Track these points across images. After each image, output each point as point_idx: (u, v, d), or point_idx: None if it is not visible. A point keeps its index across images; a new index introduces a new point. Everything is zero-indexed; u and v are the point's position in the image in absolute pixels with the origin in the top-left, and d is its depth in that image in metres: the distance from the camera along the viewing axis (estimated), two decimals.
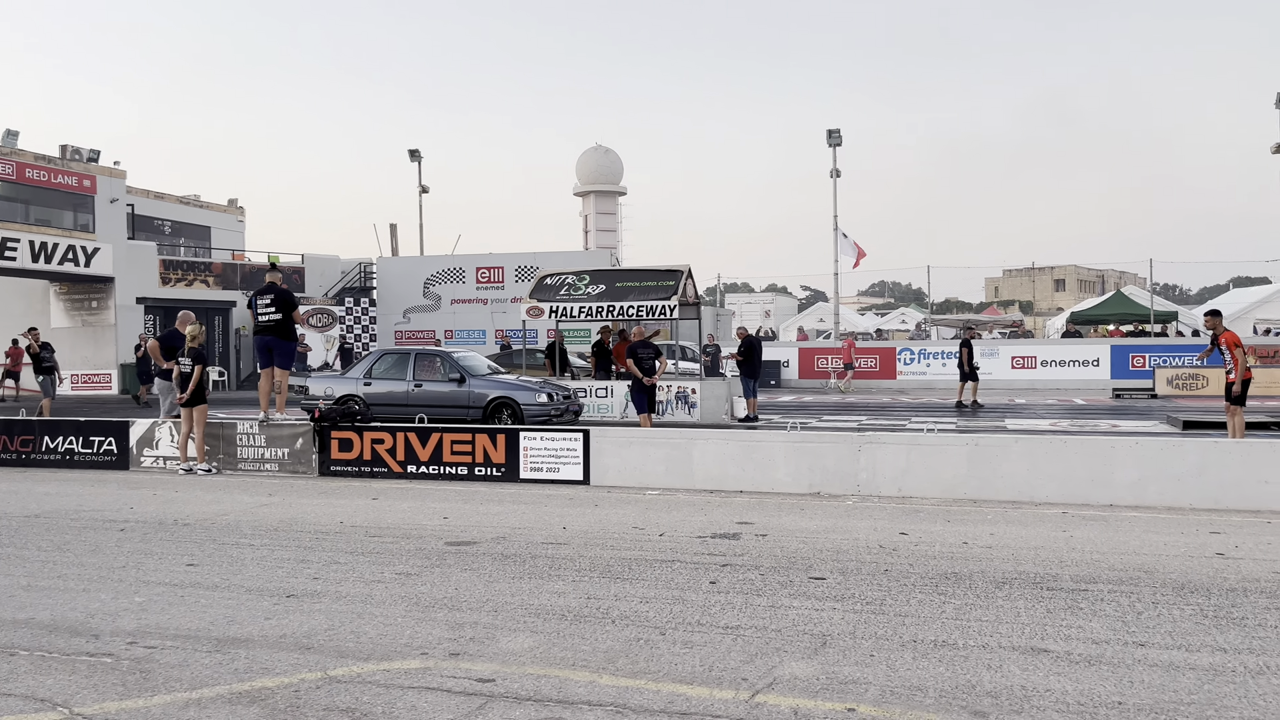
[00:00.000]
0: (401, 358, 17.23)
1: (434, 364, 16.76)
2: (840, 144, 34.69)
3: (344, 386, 16.91)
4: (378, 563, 7.10)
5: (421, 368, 16.66)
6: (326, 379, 18.15)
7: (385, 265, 38.53)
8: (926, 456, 9.94)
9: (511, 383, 16.61)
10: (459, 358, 17.03)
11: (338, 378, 17.84)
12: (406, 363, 16.87)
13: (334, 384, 17.22)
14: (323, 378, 18.69)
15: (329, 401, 16.66)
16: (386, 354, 17.90)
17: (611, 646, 5.03)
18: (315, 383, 17.65)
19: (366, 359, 17.82)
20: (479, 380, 16.41)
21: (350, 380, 17.08)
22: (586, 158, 64.81)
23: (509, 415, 15.78)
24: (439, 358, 16.98)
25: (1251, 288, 47.45)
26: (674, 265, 19.40)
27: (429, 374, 16.54)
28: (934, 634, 5.18)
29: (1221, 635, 5.10)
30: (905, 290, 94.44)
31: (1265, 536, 7.68)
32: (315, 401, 16.94)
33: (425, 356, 17.15)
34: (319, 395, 16.89)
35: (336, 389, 16.90)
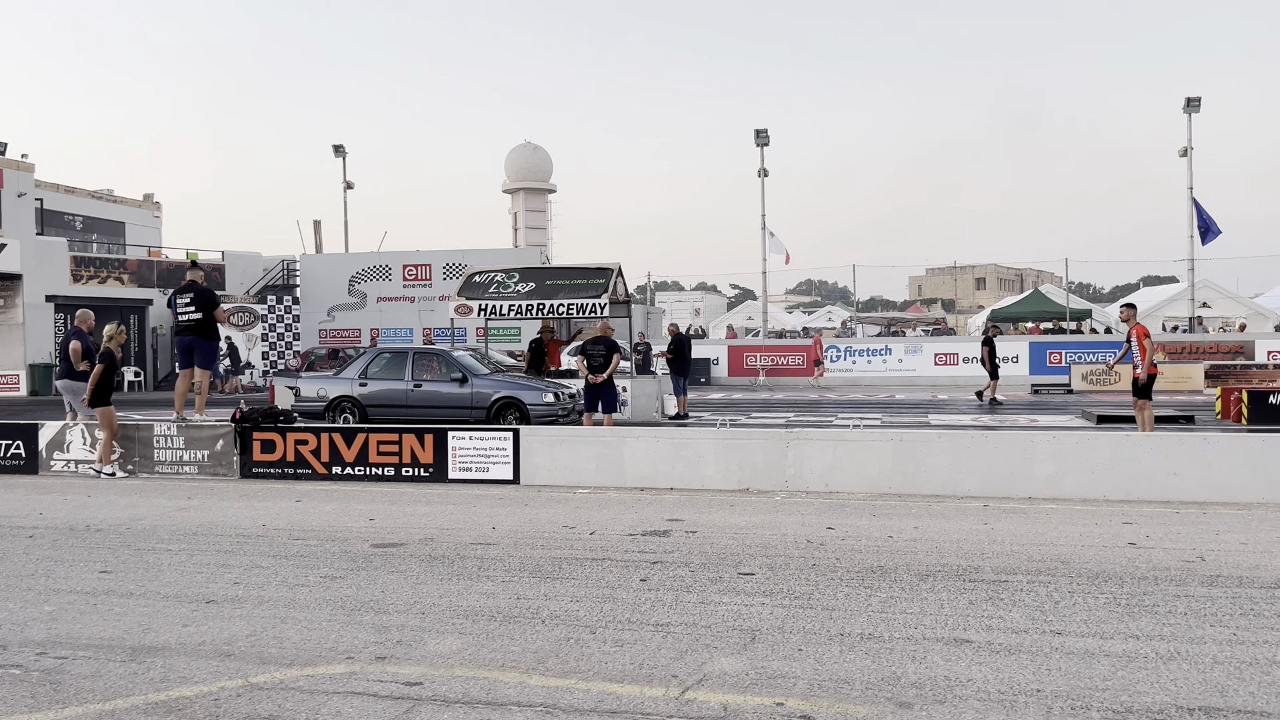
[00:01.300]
0: (398, 357, 16.61)
1: (434, 363, 16.23)
2: (768, 144, 35.04)
3: (337, 388, 16.32)
4: (302, 566, 6.95)
5: (421, 367, 16.12)
6: (319, 380, 17.27)
7: (309, 263, 37.75)
8: (853, 452, 10.09)
9: (517, 382, 16.27)
10: (459, 356, 16.57)
11: (330, 379, 17.03)
12: (404, 362, 16.27)
13: (327, 385, 16.58)
14: (315, 379, 17.63)
15: (322, 403, 16.24)
16: (383, 353, 17.26)
17: (541, 646, 5.00)
18: (307, 384, 16.95)
19: (361, 358, 17.14)
20: (482, 380, 15.94)
21: (344, 381, 16.45)
22: (515, 154, 64.26)
23: (515, 416, 15.43)
24: (439, 357, 16.46)
25: (1161, 286, 49.22)
26: (604, 263, 19.38)
27: (429, 373, 16.03)
28: (861, 627, 5.26)
29: (1134, 623, 5.27)
30: (832, 289, 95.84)
31: (1174, 526, 7.97)
32: (308, 403, 16.46)
33: (425, 355, 16.60)
34: (311, 397, 16.42)
35: (330, 390, 16.33)
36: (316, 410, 16.25)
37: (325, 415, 16.04)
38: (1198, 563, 6.65)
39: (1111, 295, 69.98)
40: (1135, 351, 13.20)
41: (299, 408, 16.56)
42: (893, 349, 31.23)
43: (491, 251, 36.20)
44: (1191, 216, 32.68)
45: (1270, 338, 30.64)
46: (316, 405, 16.29)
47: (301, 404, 16.52)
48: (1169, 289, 43.13)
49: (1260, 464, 9.17)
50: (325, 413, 16.11)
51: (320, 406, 16.22)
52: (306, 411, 16.34)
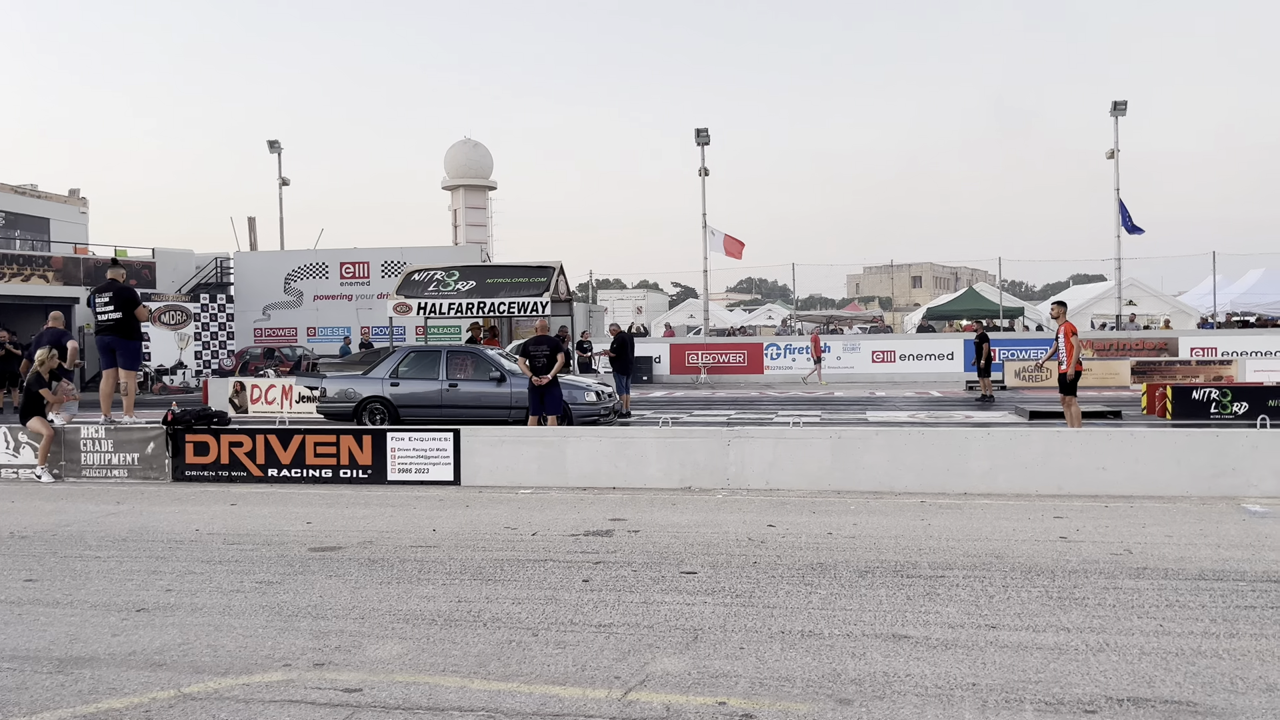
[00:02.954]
0: (432, 356, 16.06)
1: (469, 362, 15.78)
2: (708, 143, 35.20)
3: (367, 388, 15.81)
4: (236, 572, 6.80)
5: (455, 366, 15.65)
6: (346, 380, 16.55)
7: (244, 260, 37.01)
8: (793, 450, 10.19)
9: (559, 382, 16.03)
10: (495, 355, 16.15)
11: (359, 378, 16.35)
12: (437, 361, 15.75)
13: (355, 385, 16.02)
14: (341, 378, 16.79)
15: (349, 404, 15.76)
16: (414, 351, 16.66)
17: (483, 650, 4.96)
18: (333, 384, 16.30)
19: (391, 357, 16.53)
20: (521, 379, 15.29)
21: (374, 381, 15.90)
22: (455, 151, 63.73)
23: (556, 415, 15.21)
24: (474, 355, 16.02)
25: (1090, 285, 50.55)
26: (546, 262, 19.34)
27: (464, 373, 15.60)
28: (801, 624, 5.31)
29: (1065, 615, 5.40)
30: (772, 287, 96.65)
31: (1103, 520, 8.19)
32: (334, 404, 15.99)
33: (459, 354, 16.07)
34: (337, 398, 15.94)
35: (358, 390, 15.83)
36: (344, 412, 15.80)
37: (354, 418, 15.60)
38: (1125, 555, 6.84)
39: (1043, 293, 71.63)
40: (1062, 349, 13.54)
41: (324, 409, 16.15)
42: (831, 347, 31.58)
43: (431, 249, 35.83)
44: (1118, 217, 33.62)
45: (1193, 335, 31.66)
46: (344, 407, 15.84)
47: (327, 405, 16.04)
48: (1097, 287, 44.34)
49: (1184, 458, 9.46)
50: (354, 415, 15.66)
51: (348, 408, 15.77)
52: (332, 413, 15.94)
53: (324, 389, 16.15)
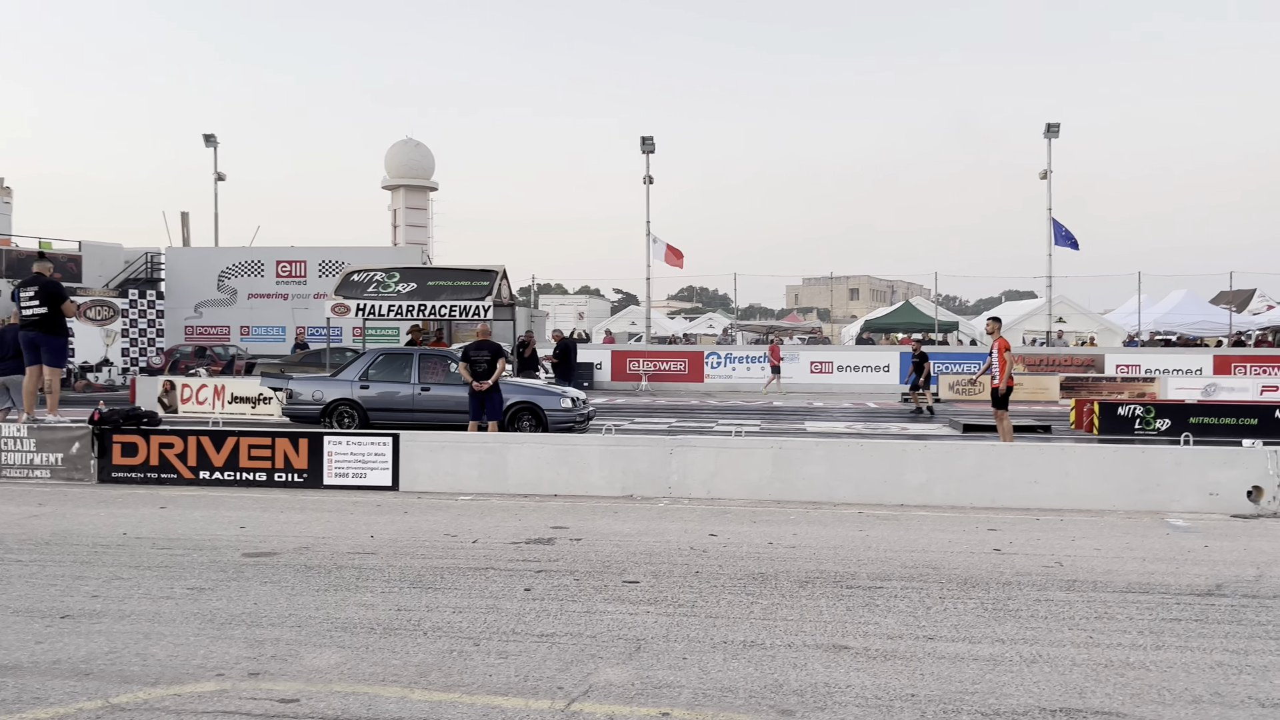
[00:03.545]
0: (403, 359, 15.79)
1: (442, 366, 15.50)
2: (653, 151, 35.32)
3: (335, 390, 15.44)
4: (166, 577, 6.62)
5: (427, 370, 15.41)
6: (314, 382, 16.13)
7: (175, 256, 36.12)
8: (734, 459, 10.25)
9: (533, 387, 15.73)
10: None
11: (327, 380, 15.99)
12: (409, 364, 15.48)
13: (323, 387, 15.65)
14: (309, 380, 16.34)
15: (318, 406, 15.36)
16: (385, 354, 16.34)
17: (424, 659, 4.90)
18: (301, 385, 15.87)
19: (361, 359, 16.17)
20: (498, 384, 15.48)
21: (342, 383, 15.57)
22: (396, 150, 63.01)
23: (531, 422, 14.89)
24: (446, 359, 15.75)
25: (1021, 301, 51.77)
26: (489, 265, 19.18)
27: (436, 376, 15.34)
28: (743, 634, 5.34)
29: (1000, 627, 5.51)
30: (713, 296, 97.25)
31: (1035, 533, 8.38)
32: (301, 406, 15.58)
33: (431, 358, 15.80)
34: (305, 400, 15.51)
35: (327, 393, 15.46)
36: (311, 414, 15.45)
37: (322, 419, 15.26)
38: (1056, 568, 7.01)
39: (976, 308, 73.19)
40: (995, 364, 13.84)
41: (290, 411, 15.76)
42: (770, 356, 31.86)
43: (370, 249, 35.39)
44: (1050, 235, 34.50)
45: (1119, 352, 32.62)
46: (311, 409, 15.50)
47: (294, 407, 15.65)
48: (1029, 304, 45.41)
49: (1111, 473, 9.73)
50: (322, 417, 15.33)
51: (315, 410, 15.44)
52: (299, 415, 15.56)
53: (291, 390, 15.82)
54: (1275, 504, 9.38)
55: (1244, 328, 39.74)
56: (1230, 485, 9.49)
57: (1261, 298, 43.97)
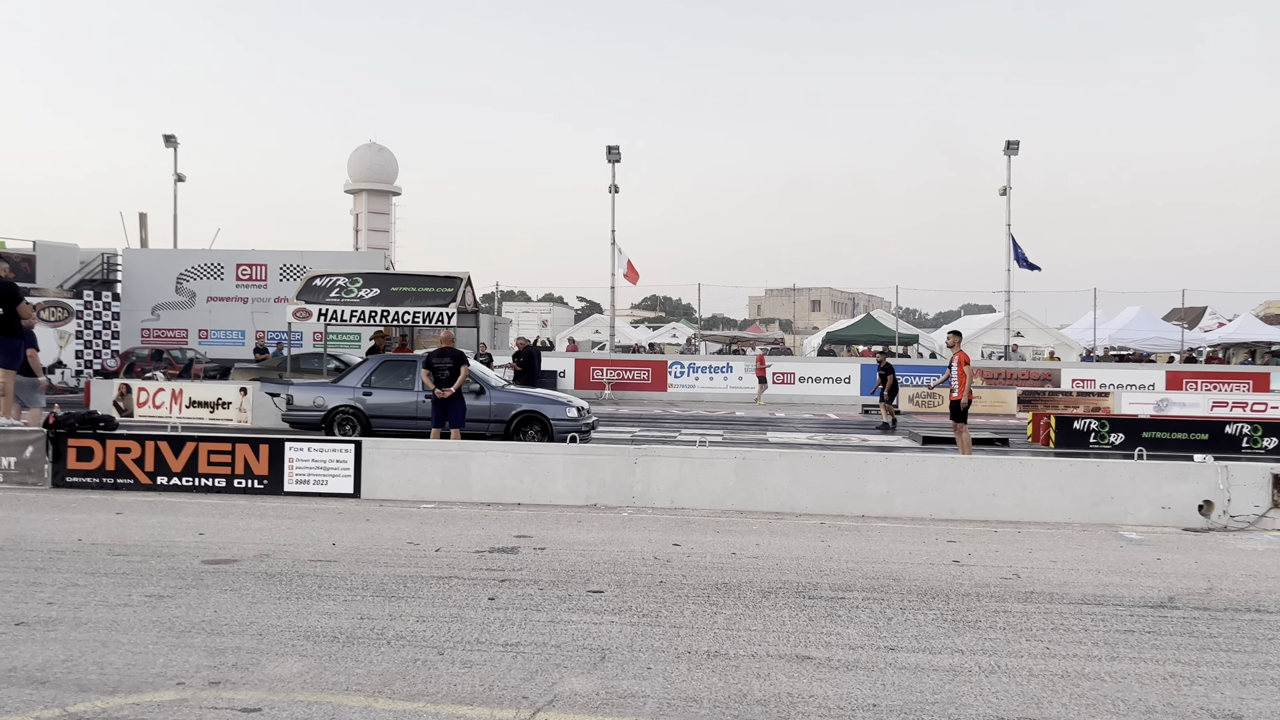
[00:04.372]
0: (406, 365, 15.48)
1: None
2: (619, 160, 35.41)
3: (337, 396, 15.16)
4: (124, 584, 6.53)
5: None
6: (315, 388, 15.86)
7: (133, 257, 35.59)
8: (698, 469, 10.29)
9: (538, 396, 15.57)
10: (473, 367, 15.53)
11: (328, 387, 15.71)
12: (413, 371, 15.16)
13: (325, 394, 15.37)
14: (309, 386, 16.09)
15: (318, 413, 15.10)
16: (388, 361, 16.02)
17: (387, 669, 4.88)
18: (301, 392, 15.55)
19: (363, 366, 15.90)
20: (500, 392, 15.19)
21: (344, 390, 15.30)
22: (359, 155, 62.63)
23: (536, 431, 14.72)
24: None
25: (980, 315, 52.52)
26: (453, 271, 19.14)
27: None
28: (707, 644, 5.37)
29: (959, 638, 5.60)
30: (676, 305, 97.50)
31: (993, 545, 8.51)
32: (301, 413, 15.27)
33: None
34: (305, 406, 15.23)
35: (328, 399, 15.19)
36: (311, 421, 15.18)
37: (322, 427, 15.00)
38: (1014, 580, 7.13)
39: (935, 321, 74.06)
40: (954, 377, 14.04)
41: (290, 417, 15.49)
42: (733, 366, 32.05)
43: (332, 254, 35.12)
44: (1009, 251, 35.05)
45: (1075, 367, 33.19)
46: (311, 415, 15.23)
47: (294, 413, 15.38)
48: (987, 318, 46.09)
49: (1067, 486, 9.90)
50: (322, 424, 15.06)
51: (316, 417, 15.18)
52: (299, 422, 15.30)
53: (290, 396, 15.57)
54: (1225, 518, 9.60)
55: (1195, 344, 40.61)
56: (1182, 499, 9.70)
57: (1212, 315, 44.96)
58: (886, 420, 21.92)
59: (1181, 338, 39.20)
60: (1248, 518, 9.57)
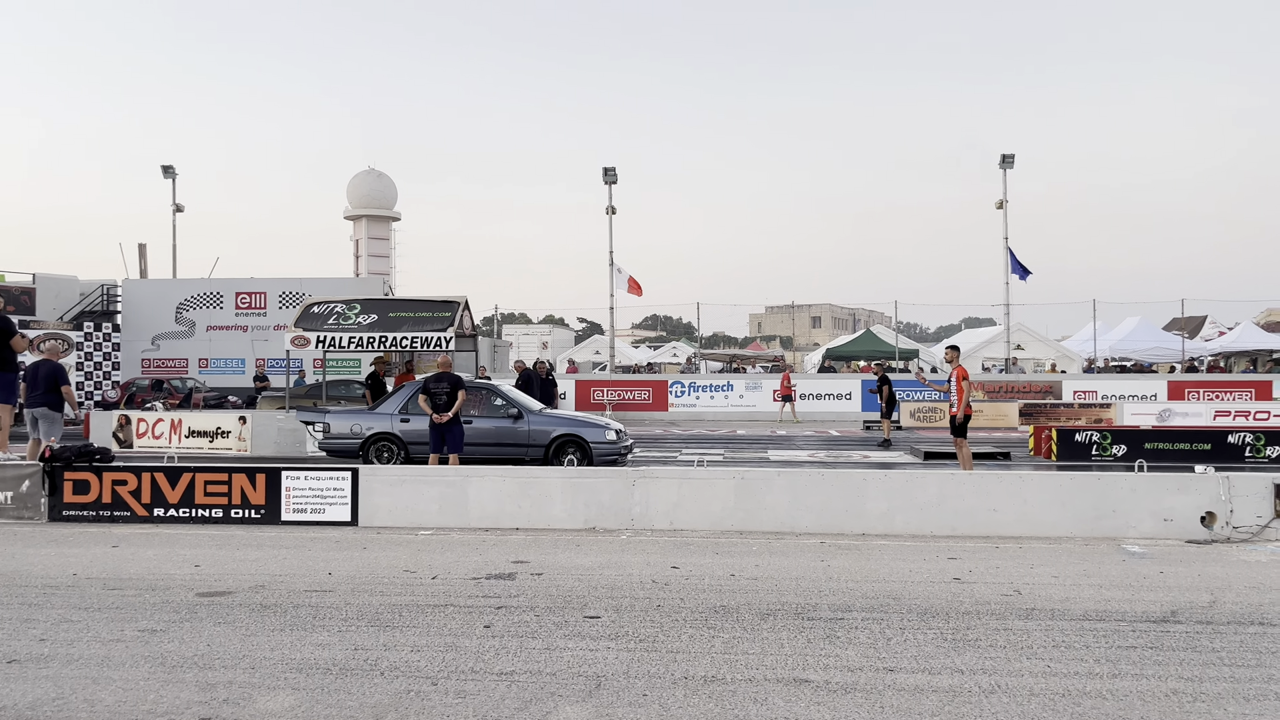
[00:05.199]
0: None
1: (484, 398, 15.21)
2: (616, 182, 35.50)
3: (375, 424, 15.07)
4: (117, 619, 6.48)
5: (468, 402, 14.85)
6: (352, 415, 15.74)
7: (132, 288, 35.66)
8: (697, 490, 10.24)
9: (576, 419, 15.53)
10: (509, 391, 15.70)
11: (365, 414, 15.61)
12: None
13: (362, 421, 15.28)
14: (347, 414, 15.95)
15: (356, 440, 15.03)
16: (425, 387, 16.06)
17: (380, 700, 4.83)
18: (339, 420, 15.45)
19: (401, 392, 15.81)
20: (538, 416, 15.10)
21: (382, 416, 15.21)
22: (358, 181, 62.79)
23: (575, 454, 14.63)
24: (488, 391, 15.45)
25: (980, 329, 52.48)
26: (450, 296, 19.12)
27: (478, 409, 14.99)
28: (704, 669, 5.32)
29: (959, 657, 5.54)
30: (677, 324, 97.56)
31: (994, 561, 8.45)
32: (339, 440, 15.24)
33: (473, 390, 15.29)
34: (343, 434, 15.16)
35: (366, 426, 15.11)
36: (350, 449, 15.08)
37: (360, 454, 14.94)
38: (1015, 596, 7.07)
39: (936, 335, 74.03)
40: (953, 392, 13.99)
41: (327, 445, 15.41)
42: (734, 385, 31.99)
43: (331, 280, 35.16)
44: (1007, 264, 35.07)
45: (1076, 378, 33.10)
46: (350, 443, 15.13)
47: (331, 441, 15.29)
48: (988, 331, 46.04)
49: (1069, 501, 9.84)
50: (360, 452, 14.99)
51: (354, 444, 15.08)
52: (336, 450, 15.21)
53: (328, 424, 15.47)
54: (1228, 529, 9.54)
55: (1196, 354, 40.54)
56: (1184, 511, 9.64)
57: (1212, 324, 44.93)
58: (887, 436, 21.84)
59: (1182, 347, 39.15)
60: (1251, 529, 9.51)
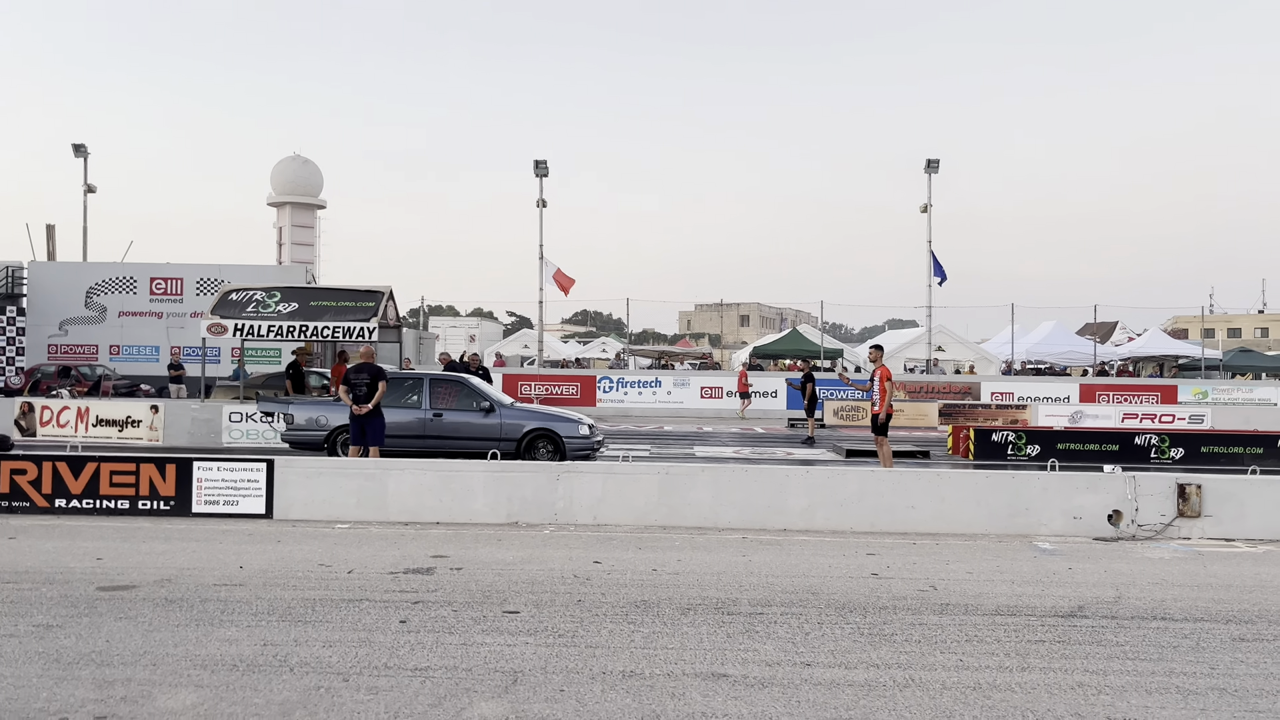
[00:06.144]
0: (413, 383, 14.95)
1: (454, 391, 14.82)
2: (547, 174, 35.32)
3: (340, 415, 14.30)
4: (11, 614, 6.18)
5: (439, 395, 14.65)
6: (316, 406, 15.19)
7: (39, 271, 34.30)
8: (621, 485, 10.20)
9: (549, 413, 15.21)
10: (480, 385, 15.32)
11: (330, 405, 14.99)
12: (420, 389, 14.71)
13: (326, 412, 14.68)
14: (310, 405, 15.40)
15: (321, 432, 14.40)
16: (394, 379, 15.11)
17: (288, 698, 4.68)
18: (301, 410, 14.85)
19: None
20: (510, 410, 14.80)
21: (346, 408, 14.27)
22: (283, 167, 61.44)
23: (548, 449, 14.35)
24: (459, 384, 15.08)
25: (903, 330, 53.54)
26: (375, 286, 18.79)
27: (449, 402, 14.61)
28: (623, 664, 5.28)
29: (875, 652, 5.59)
30: (606, 320, 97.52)
31: (912, 557, 8.58)
32: (302, 432, 14.58)
33: (442, 383, 15.06)
34: (306, 425, 14.56)
35: (331, 418, 14.51)
36: (314, 441, 14.54)
37: (325, 447, 14.39)
38: (931, 592, 7.18)
39: (861, 335, 75.27)
40: (876, 392, 14.20)
41: (290, 437, 14.81)
42: (662, 381, 32.09)
43: (253, 268, 34.31)
44: (930, 267, 35.79)
45: (994, 380, 33.94)
46: (314, 435, 14.59)
47: (295, 433, 14.71)
48: (910, 332, 46.96)
49: (984, 499, 10.06)
50: (325, 444, 14.45)
51: (319, 436, 14.54)
52: (300, 442, 14.62)
53: (291, 415, 14.92)
54: (1133, 527, 9.84)
55: (1107, 358, 41.94)
56: (1093, 509, 9.92)
57: (1123, 330, 46.54)
58: (811, 434, 22.09)
59: (1094, 352, 40.46)
60: (1155, 526, 9.83)
